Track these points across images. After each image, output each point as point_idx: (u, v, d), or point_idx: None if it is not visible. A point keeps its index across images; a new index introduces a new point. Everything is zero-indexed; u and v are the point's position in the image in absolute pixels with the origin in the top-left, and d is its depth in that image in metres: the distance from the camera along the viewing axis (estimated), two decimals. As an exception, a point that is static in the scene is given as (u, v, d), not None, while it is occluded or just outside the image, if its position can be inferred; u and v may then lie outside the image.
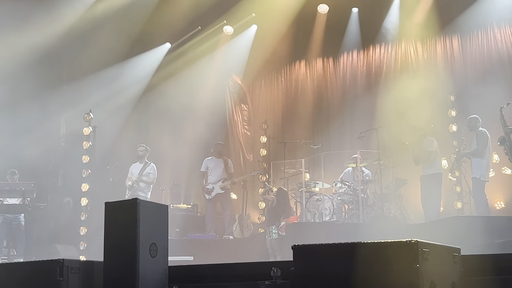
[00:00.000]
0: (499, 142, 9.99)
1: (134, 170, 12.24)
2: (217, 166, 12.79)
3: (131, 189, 12.02)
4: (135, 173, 12.18)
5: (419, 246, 3.60)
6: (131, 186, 12.03)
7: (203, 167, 12.88)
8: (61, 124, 14.89)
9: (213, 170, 12.78)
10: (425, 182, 11.16)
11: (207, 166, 12.85)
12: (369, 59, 15.08)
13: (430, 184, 11.02)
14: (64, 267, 4.71)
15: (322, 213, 11.47)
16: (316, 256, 3.97)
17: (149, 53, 15.22)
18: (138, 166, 12.27)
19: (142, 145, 12.42)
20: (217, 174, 12.74)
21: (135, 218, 4.65)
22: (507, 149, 9.78)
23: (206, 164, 12.88)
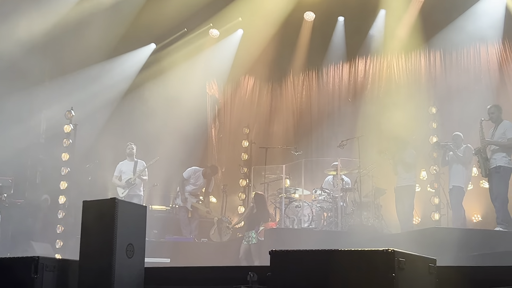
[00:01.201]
0: (474, 151, 10.11)
1: (124, 168, 12.22)
2: (199, 181, 12.79)
3: (129, 186, 12.00)
4: (126, 170, 12.16)
5: (395, 255, 3.62)
6: (128, 184, 12.00)
7: (186, 174, 12.83)
8: (42, 120, 14.75)
9: (195, 183, 12.77)
10: (398, 193, 11.26)
11: (190, 175, 12.80)
12: (353, 69, 15.19)
13: (403, 195, 11.13)
14: (39, 264, 4.66)
15: (301, 220, 11.48)
16: (293, 262, 3.97)
17: (133, 53, 15.15)
18: (128, 164, 12.28)
19: (131, 143, 12.41)
20: (197, 188, 12.78)
21: (113, 217, 4.62)
22: (480, 162, 9.87)
23: (189, 173, 12.83)
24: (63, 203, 12.38)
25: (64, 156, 12.63)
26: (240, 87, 16.36)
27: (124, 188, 12.11)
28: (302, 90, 15.75)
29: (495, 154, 9.70)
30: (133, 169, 12.23)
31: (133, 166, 12.25)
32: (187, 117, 14.69)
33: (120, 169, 12.33)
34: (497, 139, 9.76)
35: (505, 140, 9.65)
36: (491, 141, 9.83)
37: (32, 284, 4.59)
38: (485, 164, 9.75)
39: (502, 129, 9.75)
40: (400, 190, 11.23)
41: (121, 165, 12.39)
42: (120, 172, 12.27)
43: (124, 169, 12.27)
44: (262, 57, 15.26)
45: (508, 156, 9.64)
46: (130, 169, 12.25)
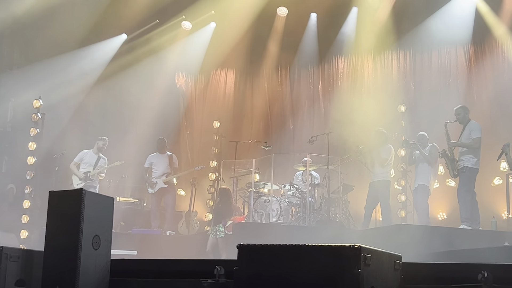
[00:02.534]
0: (440, 154, 10.25)
1: (87, 159, 12.10)
2: (161, 162, 12.74)
3: (86, 180, 11.88)
4: (87, 161, 12.05)
5: (361, 251, 3.65)
6: (86, 177, 11.88)
7: (146, 163, 12.83)
8: (9, 108, 14.52)
9: (157, 165, 12.72)
10: (373, 187, 11.26)
11: (151, 162, 12.79)
12: (325, 66, 15.27)
13: (378, 190, 11.14)
14: (3, 254, 4.60)
15: (269, 214, 11.52)
16: (260, 256, 3.98)
17: (104, 43, 14.98)
18: (92, 156, 12.15)
19: (103, 138, 12.28)
20: (161, 169, 12.69)
21: (80, 208, 4.57)
22: (448, 163, 10.04)
23: (149, 160, 12.82)
24: (29, 192, 12.23)
25: (31, 146, 12.46)
26: (211, 80, 16.31)
27: (81, 180, 11.96)
28: (274, 85, 15.78)
29: (463, 155, 9.90)
30: (94, 163, 12.10)
31: (96, 160, 12.13)
32: (158, 109, 14.62)
33: (81, 157, 12.18)
34: (464, 139, 9.94)
35: (470, 140, 9.82)
36: (456, 142, 10.02)
37: (-5, 275, 4.53)
38: (453, 164, 9.92)
39: (468, 130, 9.94)
40: (376, 185, 11.19)
41: (84, 154, 12.24)
42: (81, 160, 12.14)
43: (86, 160, 12.14)
44: (235, 51, 15.24)
45: (475, 157, 9.81)
46: (92, 162, 12.12)
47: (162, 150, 12.84)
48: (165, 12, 14.71)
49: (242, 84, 16.12)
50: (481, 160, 9.91)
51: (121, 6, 13.95)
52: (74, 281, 4.42)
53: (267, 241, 4.07)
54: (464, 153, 9.90)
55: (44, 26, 13.36)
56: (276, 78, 15.83)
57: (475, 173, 9.86)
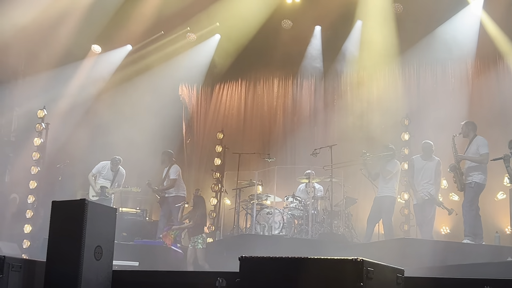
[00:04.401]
0: (449, 169, 10.20)
1: (105, 173, 12.06)
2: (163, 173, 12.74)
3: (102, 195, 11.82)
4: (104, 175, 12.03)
5: (364, 264, 3.64)
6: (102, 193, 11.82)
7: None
8: (13, 118, 14.57)
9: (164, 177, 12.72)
10: (377, 202, 11.19)
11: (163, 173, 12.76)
12: (328, 78, 15.30)
13: (382, 205, 11.07)
14: (5, 264, 4.60)
15: (271, 227, 11.48)
16: (262, 268, 3.97)
17: (109, 54, 15.05)
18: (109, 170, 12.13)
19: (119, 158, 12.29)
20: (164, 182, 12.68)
21: (82, 219, 4.58)
22: (456, 177, 10.00)
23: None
24: (32, 202, 12.24)
25: (34, 155, 12.48)
26: (215, 92, 16.36)
27: (96, 194, 11.92)
28: (278, 97, 15.81)
29: (472, 171, 9.85)
30: (112, 178, 12.09)
31: (114, 176, 12.10)
32: (162, 120, 14.63)
33: (99, 169, 12.15)
34: (471, 155, 9.92)
35: (478, 156, 9.81)
36: (464, 156, 9.98)
37: (-4, 284, 4.53)
38: (461, 178, 9.89)
39: (475, 146, 9.91)
40: (380, 200, 11.07)
41: (103, 166, 12.19)
42: (98, 173, 12.10)
43: (104, 173, 12.11)
44: (239, 62, 15.30)
45: (483, 174, 9.80)
46: (110, 178, 12.11)
47: (165, 163, 12.75)
48: (170, 24, 14.77)
49: (245, 96, 16.14)
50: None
51: (126, 17, 14.02)
52: (76, 292, 4.42)
53: (269, 253, 4.05)
54: (473, 169, 9.86)
55: (49, 36, 13.43)
56: (279, 90, 15.85)
57: (482, 189, 9.83)
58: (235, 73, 15.90)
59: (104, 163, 12.25)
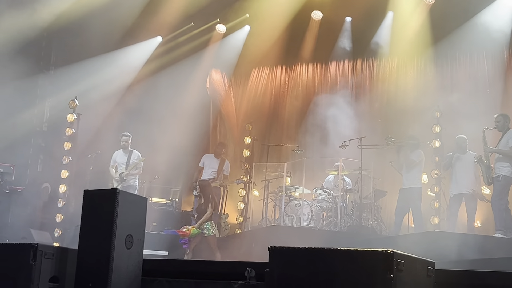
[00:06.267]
0: (476, 160, 10.10)
1: (119, 159, 12.16)
2: (211, 165, 12.68)
3: (122, 180, 11.93)
4: (120, 162, 12.10)
5: (394, 256, 3.62)
6: (121, 179, 11.93)
7: (200, 162, 12.83)
8: (46, 109, 14.78)
9: (207, 167, 12.69)
10: (404, 194, 11.12)
11: (203, 162, 12.78)
12: (358, 69, 15.19)
13: (409, 197, 10.99)
14: (38, 251, 4.67)
15: (300, 218, 11.49)
16: (292, 259, 3.97)
17: (139, 45, 15.15)
18: (122, 155, 12.19)
19: (126, 134, 12.31)
20: (208, 172, 12.65)
21: (113, 208, 4.62)
22: (483, 170, 9.89)
23: (203, 159, 12.82)
24: (64, 192, 12.38)
25: (66, 145, 12.63)
26: (244, 84, 16.37)
27: (118, 182, 12.03)
28: (307, 89, 15.74)
29: (498, 163, 9.76)
30: (126, 161, 12.14)
31: (127, 158, 12.16)
32: (192, 111, 14.70)
33: (114, 159, 12.23)
34: (501, 147, 9.78)
35: (508, 148, 9.67)
36: (493, 149, 9.86)
37: (30, 271, 4.60)
38: (488, 172, 9.79)
39: (506, 138, 9.79)
40: (407, 192, 10.99)
41: (116, 155, 12.26)
42: (115, 163, 12.21)
43: (119, 160, 12.18)
44: (268, 54, 15.26)
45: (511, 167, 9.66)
46: (124, 161, 12.15)
47: (217, 154, 12.81)
48: (199, 15, 14.81)
49: (275, 87, 16.12)
50: (515, 167, 9.73)
51: (156, 9, 14.10)
52: (107, 279, 4.47)
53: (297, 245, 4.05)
54: (500, 161, 9.75)
55: (81, 28, 13.56)
56: (309, 83, 15.79)
57: (510, 182, 9.69)
58: (264, 65, 15.87)
59: (117, 151, 12.33)
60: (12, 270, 4.70)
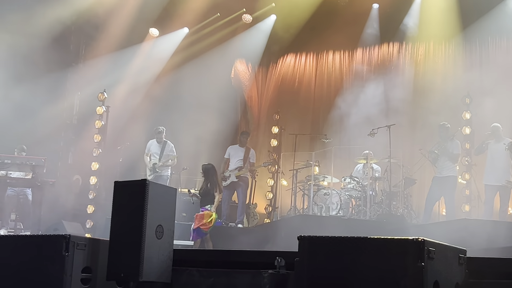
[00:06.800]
0: (507, 146, 9.95)
1: (153, 149, 12.27)
2: (237, 154, 12.67)
3: (154, 171, 12.05)
4: (153, 152, 12.21)
5: (425, 244, 3.59)
6: (154, 169, 12.05)
7: (226, 153, 12.86)
8: (75, 102, 14.95)
9: (232, 157, 12.71)
10: (439, 182, 10.97)
11: (229, 153, 12.81)
12: (386, 56, 15.05)
13: (445, 185, 10.85)
14: (70, 243, 4.73)
15: (329, 207, 11.46)
16: (321, 248, 3.97)
17: (167, 37, 15.22)
18: (156, 145, 12.30)
19: (159, 128, 12.40)
20: (234, 162, 12.65)
21: (143, 199, 4.66)
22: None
23: (228, 151, 12.83)
24: (94, 183, 12.54)
25: (96, 138, 12.77)
26: (270, 73, 16.34)
27: (151, 171, 12.15)
28: (334, 76, 15.66)
29: None
30: (160, 152, 12.24)
31: (161, 149, 12.26)
32: (219, 102, 14.72)
33: (149, 148, 12.36)
34: None
35: None
36: None
37: (63, 262, 4.67)
38: None
39: None
40: (443, 180, 10.86)
41: (151, 144, 12.39)
42: (149, 151, 12.33)
43: (153, 150, 12.31)
44: (295, 43, 15.20)
45: None
46: (158, 151, 12.27)
47: (242, 143, 12.84)
48: (226, 6, 14.81)
49: (302, 76, 16.06)
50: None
51: (183, 0, 14.13)
52: (138, 269, 4.52)
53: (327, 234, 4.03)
54: None
55: (108, 21, 13.67)
56: (336, 70, 15.69)
57: None
58: (291, 54, 15.82)
59: (151, 140, 12.43)
60: (46, 261, 4.77)
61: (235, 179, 12.37)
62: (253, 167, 12.66)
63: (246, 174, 12.54)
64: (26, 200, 11.53)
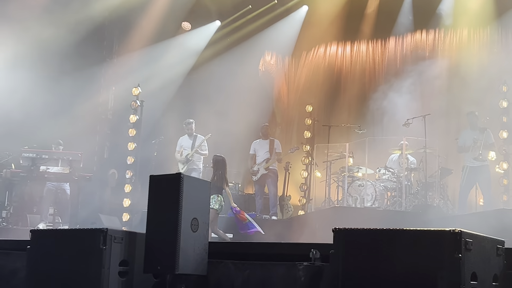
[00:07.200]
0: None
1: (184, 143, 12.40)
2: (262, 148, 12.75)
3: (187, 162, 12.18)
4: (185, 146, 12.33)
5: (462, 236, 3.54)
6: (187, 159, 12.18)
7: (251, 149, 12.90)
8: (110, 97, 15.12)
9: (259, 152, 12.76)
10: (473, 172, 10.82)
11: (254, 148, 12.86)
12: (420, 44, 14.84)
13: (480, 175, 10.70)
14: (108, 236, 4.79)
15: (364, 199, 11.39)
16: (356, 240, 3.94)
17: (199, 30, 15.27)
18: (187, 140, 12.43)
19: (189, 121, 12.52)
20: (262, 155, 12.72)
21: (178, 192, 4.69)
22: None
23: (253, 146, 12.89)
24: (130, 177, 12.67)
25: (131, 132, 12.90)
26: (302, 64, 16.27)
27: (184, 163, 12.28)
28: (367, 66, 15.52)
29: None
30: (191, 145, 12.38)
31: (192, 142, 12.40)
32: (252, 93, 14.74)
33: (180, 144, 12.51)
34: None
35: None
36: None
37: (100, 255, 4.73)
38: None
39: None
40: (478, 170, 10.76)
41: (181, 140, 12.56)
42: (181, 147, 12.45)
43: (184, 145, 12.45)
44: (327, 33, 15.10)
45: None
46: (189, 145, 12.41)
47: (265, 136, 12.88)
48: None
49: (334, 67, 15.95)
50: None
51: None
52: (175, 262, 4.55)
53: (362, 226, 4.01)
54: None
55: (140, 15, 13.77)
56: (369, 60, 15.54)
57: None
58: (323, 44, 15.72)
59: (182, 137, 12.59)
60: (84, 255, 4.85)
61: (265, 171, 12.45)
62: (280, 156, 12.68)
63: (274, 166, 12.63)
64: (64, 195, 11.72)
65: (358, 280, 3.85)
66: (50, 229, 9.57)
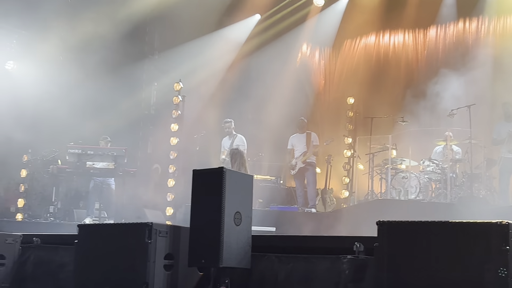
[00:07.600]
0: None
1: (225, 144, 12.45)
2: (299, 141, 12.75)
3: (224, 162, 12.21)
4: (226, 146, 12.38)
5: (510, 228, 3.48)
6: (223, 160, 12.22)
7: (289, 144, 12.91)
8: (152, 93, 15.29)
9: (297, 146, 12.77)
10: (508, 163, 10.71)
11: (292, 143, 12.85)
12: (463, 33, 14.53)
13: None
14: (153, 230, 4.86)
15: (407, 191, 11.26)
16: (401, 233, 3.91)
17: (238, 24, 15.30)
18: (227, 141, 12.47)
19: (227, 120, 12.54)
20: (299, 149, 12.71)
21: (221, 186, 4.72)
22: None
23: (291, 141, 12.89)
24: (173, 172, 12.77)
25: (173, 127, 13.01)
26: (343, 56, 16.15)
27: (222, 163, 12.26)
28: (410, 56, 15.29)
29: None
30: (229, 145, 12.38)
31: (231, 142, 12.39)
32: (292, 86, 14.71)
33: (223, 145, 12.54)
34: None
35: None
36: None
37: (146, 249, 4.81)
38: None
39: None
40: None
41: (223, 141, 12.57)
42: (224, 149, 12.48)
43: (225, 145, 12.47)
44: (368, 24, 14.95)
45: None
46: (228, 146, 12.42)
47: (301, 129, 12.87)
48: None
49: (375, 58, 15.78)
50: None
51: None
52: (219, 256, 4.59)
53: (406, 218, 3.96)
54: None
55: (181, 11, 13.86)
56: (411, 50, 15.32)
57: None
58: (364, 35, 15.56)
59: (224, 138, 12.57)
60: (130, 248, 4.93)
61: (302, 165, 12.45)
62: (316, 149, 12.63)
63: (312, 158, 12.58)
64: (109, 190, 11.91)
65: (403, 273, 3.82)
66: (97, 223, 9.74)
